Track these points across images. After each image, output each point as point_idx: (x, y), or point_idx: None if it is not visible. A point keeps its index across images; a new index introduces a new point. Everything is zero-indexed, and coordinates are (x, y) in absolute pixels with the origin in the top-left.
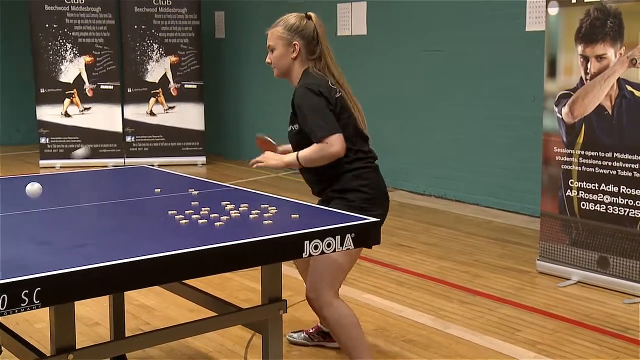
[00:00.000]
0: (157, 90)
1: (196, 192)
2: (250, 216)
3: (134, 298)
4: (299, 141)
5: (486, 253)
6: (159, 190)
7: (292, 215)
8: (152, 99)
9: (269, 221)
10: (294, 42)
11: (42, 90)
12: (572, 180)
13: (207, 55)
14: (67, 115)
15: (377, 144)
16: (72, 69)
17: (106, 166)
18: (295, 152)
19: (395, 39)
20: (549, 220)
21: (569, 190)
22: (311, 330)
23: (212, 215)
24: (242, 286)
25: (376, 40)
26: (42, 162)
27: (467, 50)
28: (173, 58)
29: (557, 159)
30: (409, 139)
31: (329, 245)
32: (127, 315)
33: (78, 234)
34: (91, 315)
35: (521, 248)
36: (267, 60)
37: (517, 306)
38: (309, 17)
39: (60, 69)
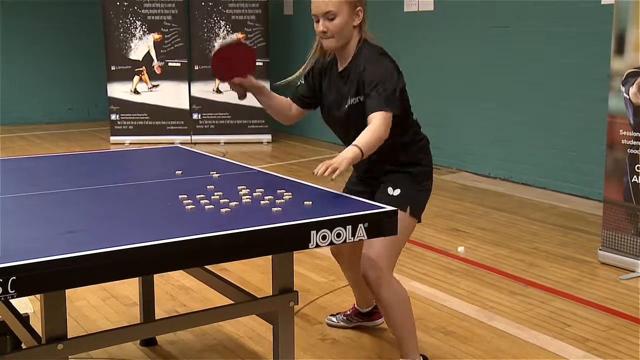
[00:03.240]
0: None
1: (217, 175)
2: (262, 202)
3: (175, 279)
4: (359, 114)
5: (546, 240)
6: (180, 172)
7: (306, 203)
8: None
9: (278, 208)
10: (359, 8)
11: (113, 68)
12: (639, 165)
13: (274, 32)
14: (136, 92)
15: (441, 124)
16: (141, 46)
17: (173, 143)
18: (354, 146)
19: (462, 15)
20: (613, 207)
21: (635, 177)
22: (348, 312)
23: (222, 201)
24: None
25: (443, 16)
26: (113, 139)
27: (536, 26)
28: (240, 35)
29: (622, 142)
30: (474, 118)
31: (338, 235)
32: (166, 296)
33: (73, 219)
34: (131, 295)
35: (585, 236)
36: (323, 28)
37: (572, 299)
38: None
39: (130, 47)
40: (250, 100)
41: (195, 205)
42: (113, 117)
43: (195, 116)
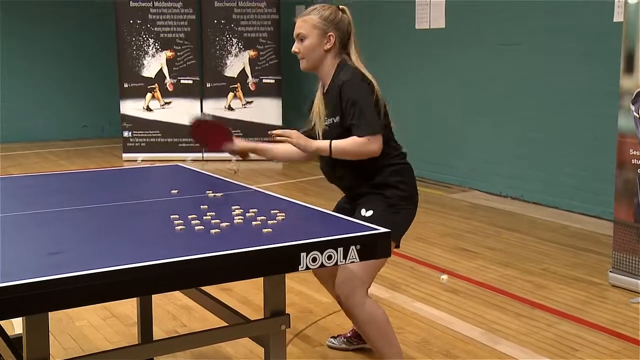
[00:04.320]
0: (236, 85)
1: (213, 194)
2: (254, 223)
3: (177, 298)
4: (339, 134)
5: (556, 261)
6: (176, 191)
7: (300, 223)
8: (231, 94)
9: (269, 229)
10: (330, 33)
11: (126, 85)
12: None
13: (286, 49)
14: (148, 109)
15: (451, 141)
16: (154, 63)
17: (184, 160)
18: (328, 140)
19: (473, 33)
20: (623, 228)
21: None
22: (349, 334)
23: (213, 221)
24: (289, 289)
25: (454, 34)
26: (125, 156)
27: (548, 44)
28: (252, 52)
29: (632, 162)
30: (485, 136)
31: (329, 257)
32: (167, 316)
33: (59, 239)
34: (132, 314)
35: (596, 257)
36: (295, 49)
37: (580, 322)
38: (343, 11)
39: (143, 64)
40: (263, 118)
41: (185, 226)
42: (125, 134)
43: None
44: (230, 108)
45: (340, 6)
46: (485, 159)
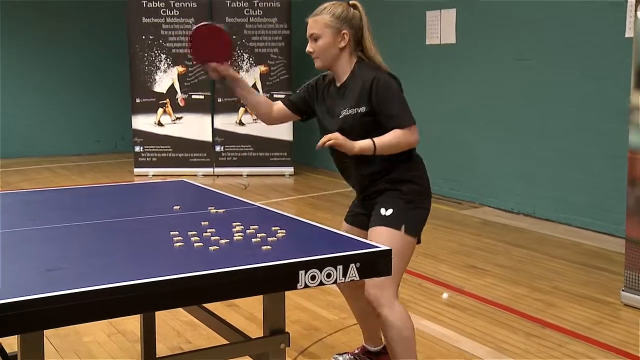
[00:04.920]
0: None
1: (215, 210)
2: (253, 240)
3: (183, 314)
4: (363, 124)
5: (567, 279)
6: (179, 207)
7: (300, 240)
8: (242, 109)
9: (268, 247)
10: (343, 31)
11: (138, 100)
12: None
13: (297, 65)
14: (160, 124)
15: (462, 157)
16: (165, 79)
17: (195, 175)
18: (369, 139)
19: (484, 48)
20: (636, 246)
21: None
22: (356, 351)
23: (212, 238)
24: (295, 305)
25: (465, 49)
26: (137, 170)
27: (559, 59)
28: (263, 68)
29: None
30: (496, 152)
31: (328, 275)
32: (172, 332)
33: (57, 256)
34: (137, 330)
35: (608, 275)
36: (309, 49)
37: (591, 342)
38: (355, 7)
39: (155, 80)
40: (273, 133)
41: (184, 243)
42: (137, 149)
43: (218, 148)
44: (241, 123)
45: (351, 2)
46: (497, 174)
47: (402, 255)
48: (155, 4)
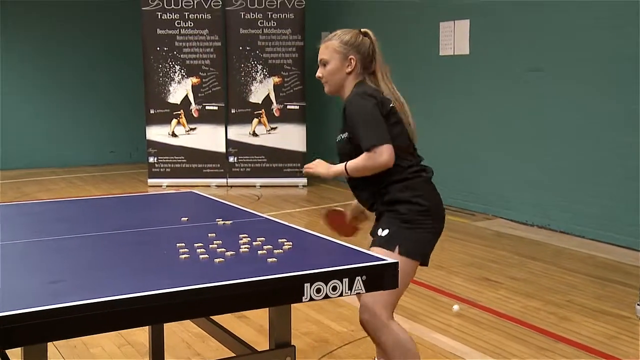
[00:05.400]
0: (260, 111)
1: (222, 222)
2: (259, 252)
3: (193, 326)
4: (350, 150)
5: (582, 293)
6: (186, 219)
7: (306, 252)
8: (255, 120)
9: (274, 259)
10: (350, 57)
11: (152, 111)
12: None
13: (311, 76)
14: (174, 135)
15: (476, 168)
16: (179, 90)
17: (209, 186)
18: (344, 162)
19: (497, 59)
20: None
21: None
22: None
23: (218, 250)
24: (306, 317)
25: (478, 60)
26: (150, 181)
27: (573, 71)
28: (276, 79)
29: None
30: (510, 164)
31: (334, 288)
32: (182, 344)
33: (62, 268)
34: (147, 342)
35: (624, 289)
36: (318, 74)
37: (605, 357)
38: (365, 34)
39: (169, 91)
40: (287, 144)
41: (190, 255)
42: (151, 159)
43: (231, 159)
44: (254, 134)
45: (363, 30)
46: (511, 186)
47: (400, 279)
48: (169, 16)
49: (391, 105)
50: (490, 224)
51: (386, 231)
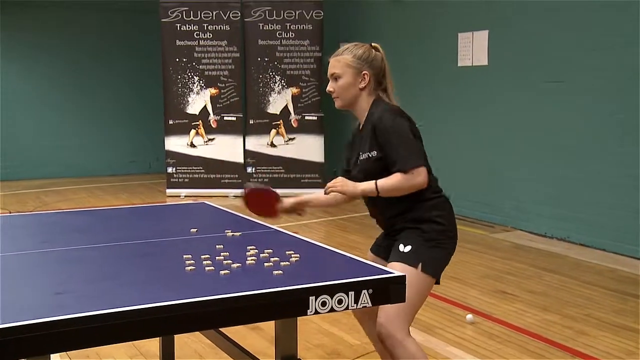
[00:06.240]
0: (278, 122)
1: (231, 233)
2: (266, 264)
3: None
4: (379, 169)
5: (600, 307)
6: (195, 230)
7: (313, 265)
8: (273, 131)
9: (279, 271)
10: (364, 72)
11: (171, 122)
12: None
13: None
14: (192, 145)
15: (495, 180)
16: (198, 100)
17: (227, 196)
18: (373, 181)
19: (516, 70)
20: None
21: None
22: None
23: (225, 262)
24: (319, 329)
25: (497, 71)
26: (169, 191)
27: (592, 82)
28: (294, 90)
29: None
30: (530, 175)
31: (340, 302)
32: (194, 355)
33: (66, 279)
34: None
35: None
36: (330, 88)
37: None
38: (376, 49)
39: (188, 101)
40: (305, 155)
41: (195, 267)
42: (169, 169)
43: (249, 169)
44: (272, 145)
45: (373, 44)
46: (530, 198)
47: (416, 293)
48: (189, 27)
49: (418, 125)
50: (509, 236)
51: (409, 247)
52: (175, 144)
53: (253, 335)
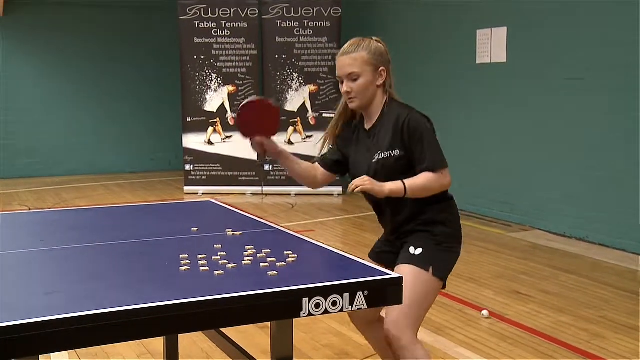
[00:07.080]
0: (296, 119)
1: (231, 232)
2: (262, 264)
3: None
4: (397, 168)
5: (616, 309)
6: (196, 229)
7: (309, 265)
8: (291, 128)
9: (274, 272)
10: (381, 68)
11: (188, 119)
12: None
13: None
14: (210, 143)
15: (513, 178)
16: (216, 98)
17: (244, 194)
18: (400, 180)
19: (535, 67)
20: None
21: None
22: None
23: (220, 262)
24: (328, 329)
25: (516, 68)
26: (187, 189)
27: (612, 79)
28: (312, 87)
29: None
30: (548, 173)
31: (334, 304)
32: (201, 354)
33: (58, 279)
34: None
35: None
36: (347, 89)
37: None
38: (379, 42)
39: (205, 99)
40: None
41: (190, 267)
42: (187, 167)
43: (267, 167)
44: (290, 142)
45: (375, 38)
46: (549, 197)
47: (425, 296)
48: (206, 25)
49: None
50: (526, 235)
51: (419, 250)
52: (193, 141)
53: (261, 334)
